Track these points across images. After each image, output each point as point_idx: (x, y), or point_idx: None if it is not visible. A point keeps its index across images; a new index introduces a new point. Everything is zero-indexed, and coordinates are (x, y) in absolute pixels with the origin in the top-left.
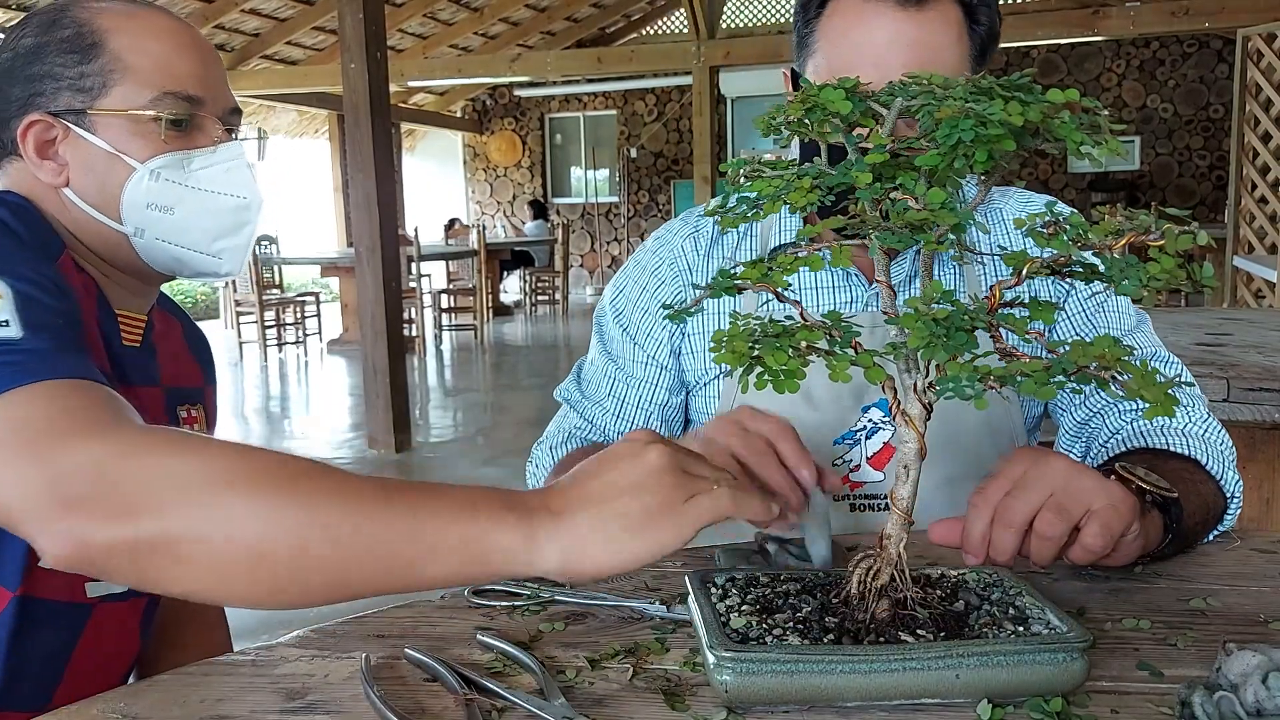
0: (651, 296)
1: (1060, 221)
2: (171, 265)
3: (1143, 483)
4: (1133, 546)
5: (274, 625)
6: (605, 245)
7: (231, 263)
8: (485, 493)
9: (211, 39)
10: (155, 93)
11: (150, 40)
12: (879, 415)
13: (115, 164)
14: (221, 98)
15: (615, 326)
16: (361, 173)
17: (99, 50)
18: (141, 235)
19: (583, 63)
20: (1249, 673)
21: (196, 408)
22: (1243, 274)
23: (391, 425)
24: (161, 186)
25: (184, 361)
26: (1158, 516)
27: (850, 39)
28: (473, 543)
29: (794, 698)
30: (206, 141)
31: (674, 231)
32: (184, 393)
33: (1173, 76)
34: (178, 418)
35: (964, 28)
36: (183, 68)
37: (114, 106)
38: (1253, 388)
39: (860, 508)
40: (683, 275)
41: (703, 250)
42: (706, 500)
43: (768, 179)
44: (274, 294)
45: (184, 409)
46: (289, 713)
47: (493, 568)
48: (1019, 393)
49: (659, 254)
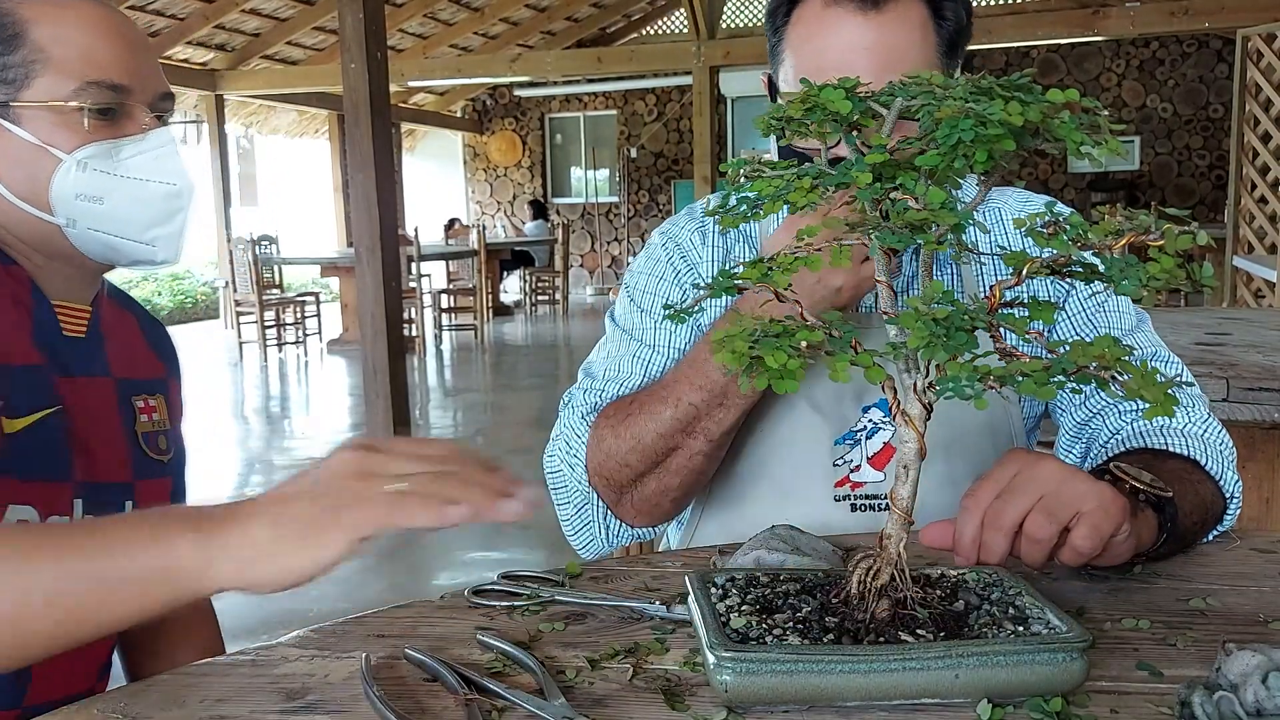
0: (670, 284)
1: (1060, 221)
2: (107, 255)
3: (1136, 482)
4: (1125, 546)
5: (274, 625)
6: (605, 245)
7: (166, 251)
8: (178, 514)
9: (211, 39)
10: (78, 83)
11: (72, 29)
12: (879, 415)
13: (42, 156)
14: (151, 84)
15: (633, 312)
16: (361, 173)
17: (20, 41)
18: (74, 225)
19: (583, 63)
20: (1249, 673)
21: (155, 398)
22: (1242, 274)
23: (391, 425)
24: (90, 177)
25: (140, 353)
26: (1152, 516)
27: (813, 45)
28: (156, 569)
29: (794, 698)
30: (135, 129)
31: (679, 225)
32: (139, 384)
33: (1172, 76)
34: (133, 407)
35: (929, 25)
36: (107, 56)
37: (37, 98)
38: (1252, 387)
39: (861, 508)
40: (696, 266)
41: (710, 242)
42: (366, 509)
43: (768, 179)
44: (274, 294)
45: (139, 399)
46: (289, 713)
47: (177, 590)
48: (1019, 393)
49: (667, 246)
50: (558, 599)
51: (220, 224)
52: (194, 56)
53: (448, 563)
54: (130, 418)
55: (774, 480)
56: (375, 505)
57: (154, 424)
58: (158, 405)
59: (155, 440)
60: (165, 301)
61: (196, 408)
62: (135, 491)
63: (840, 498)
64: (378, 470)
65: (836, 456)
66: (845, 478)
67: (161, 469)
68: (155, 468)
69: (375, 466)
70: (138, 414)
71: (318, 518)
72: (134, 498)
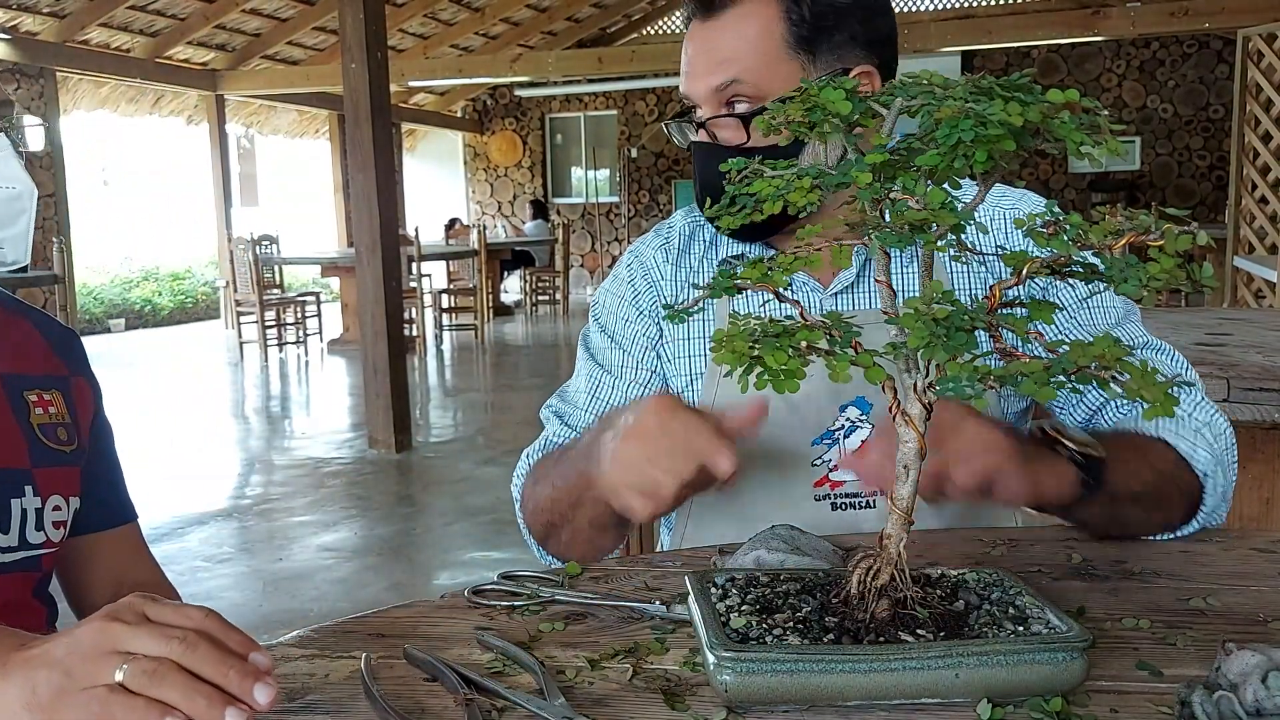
0: (631, 305)
1: (1060, 221)
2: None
3: (1061, 437)
4: (1016, 486)
5: (274, 625)
6: (606, 245)
7: (15, 251)
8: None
9: (212, 39)
10: None
11: None
12: (856, 414)
13: None
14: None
15: (600, 336)
16: (362, 173)
17: None
18: None
19: (583, 63)
20: (1248, 672)
21: (51, 393)
22: (1243, 274)
23: (392, 425)
24: None
25: (33, 350)
26: (1069, 469)
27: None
28: None
29: (794, 697)
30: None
31: (645, 243)
32: (31, 379)
33: (1173, 77)
34: (25, 401)
35: (773, 22)
36: None
37: None
38: (1252, 388)
39: (840, 506)
40: (656, 285)
41: (672, 259)
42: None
43: (767, 179)
44: (274, 294)
45: (32, 393)
46: (289, 713)
47: None
48: (1018, 392)
49: (632, 266)
50: (558, 599)
51: (221, 224)
52: (194, 56)
53: (448, 563)
54: (24, 410)
55: (755, 480)
56: (92, 698)
57: (51, 416)
58: (54, 399)
59: (54, 431)
60: (166, 301)
61: (197, 408)
62: (34, 477)
63: (820, 497)
64: (120, 647)
65: (814, 456)
66: (824, 477)
67: (63, 458)
68: (56, 456)
69: (115, 642)
70: (31, 406)
71: (57, 697)
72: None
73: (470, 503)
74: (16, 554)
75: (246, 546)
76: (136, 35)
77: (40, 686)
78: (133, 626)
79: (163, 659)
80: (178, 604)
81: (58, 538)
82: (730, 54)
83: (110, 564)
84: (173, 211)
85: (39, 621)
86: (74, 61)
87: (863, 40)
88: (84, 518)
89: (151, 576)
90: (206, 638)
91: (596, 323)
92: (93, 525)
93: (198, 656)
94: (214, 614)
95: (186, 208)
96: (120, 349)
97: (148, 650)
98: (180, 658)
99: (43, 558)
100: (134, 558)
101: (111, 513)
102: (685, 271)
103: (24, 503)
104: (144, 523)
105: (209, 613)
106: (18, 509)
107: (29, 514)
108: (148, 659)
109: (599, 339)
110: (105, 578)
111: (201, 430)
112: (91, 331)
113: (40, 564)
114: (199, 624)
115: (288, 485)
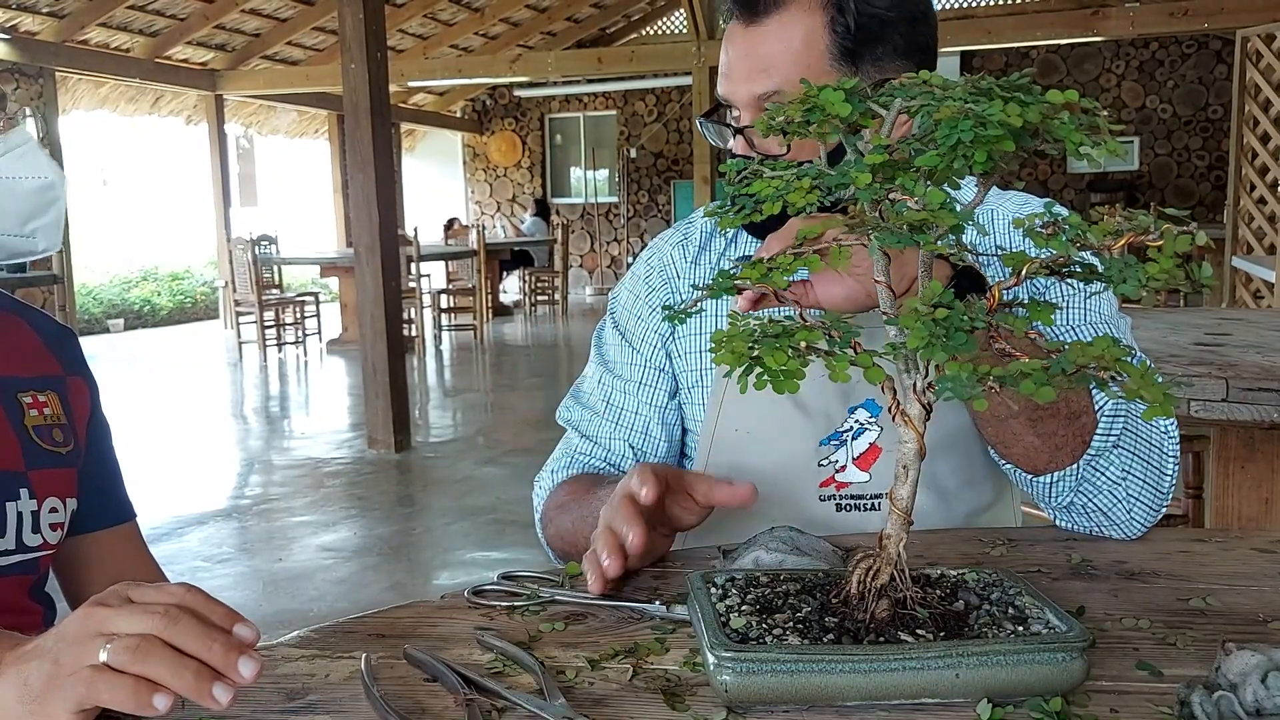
0: (644, 303)
1: (1059, 222)
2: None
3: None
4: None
5: (274, 625)
6: (605, 245)
7: (47, 240)
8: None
9: (211, 39)
10: None
11: None
12: (865, 416)
13: None
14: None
15: (614, 334)
16: (361, 173)
17: None
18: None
19: (583, 63)
20: (1248, 672)
21: (46, 394)
22: (1241, 274)
23: (391, 425)
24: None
25: (28, 351)
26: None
27: (722, 59)
28: None
29: (794, 698)
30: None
31: (665, 239)
32: (25, 381)
33: (1172, 77)
34: (19, 403)
35: (817, 32)
36: None
37: None
38: (1251, 388)
39: (846, 508)
40: (671, 282)
41: (690, 257)
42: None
43: (768, 179)
44: (273, 294)
45: (26, 395)
46: (289, 713)
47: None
48: (1019, 392)
49: (650, 262)
50: (558, 599)
51: (220, 224)
52: (194, 56)
53: (448, 563)
54: (18, 413)
55: (760, 480)
56: (78, 680)
57: (45, 418)
58: (49, 401)
59: (49, 433)
60: (165, 301)
61: (196, 408)
62: (30, 480)
63: (825, 498)
64: (104, 629)
65: (822, 457)
66: (830, 478)
67: (59, 460)
68: (52, 458)
69: (100, 624)
70: (25, 409)
71: (47, 684)
72: (29, 486)
73: (470, 503)
74: (13, 557)
75: (246, 546)
76: (136, 35)
77: (32, 677)
78: (115, 608)
79: (146, 635)
80: (160, 584)
81: (55, 540)
82: (773, 63)
83: (109, 563)
84: (172, 211)
85: (36, 622)
86: (73, 61)
87: (904, 50)
88: (82, 517)
89: (151, 575)
90: (189, 612)
91: (612, 318)
92: (91, 524)
93: (180, 630)
94: (195, 589)
95: (185, 208)
96: (119, 349)
97: (130, 629)
98: (162, 632)
99: (40, 560)
100: (133, 557)
101: (110, 511)
102: (704, 268)
103: (19, 506)
104: (144, 523)
105: (190, 588)
106: (13, 512)
107: (25, 517)
108: (130, 636)
109: (612, 335)
110: (104, 577)
111: (201, 430)
112: (90, 331)
113: (37, 566)
114: (180, 599)
115: (287, 485)
